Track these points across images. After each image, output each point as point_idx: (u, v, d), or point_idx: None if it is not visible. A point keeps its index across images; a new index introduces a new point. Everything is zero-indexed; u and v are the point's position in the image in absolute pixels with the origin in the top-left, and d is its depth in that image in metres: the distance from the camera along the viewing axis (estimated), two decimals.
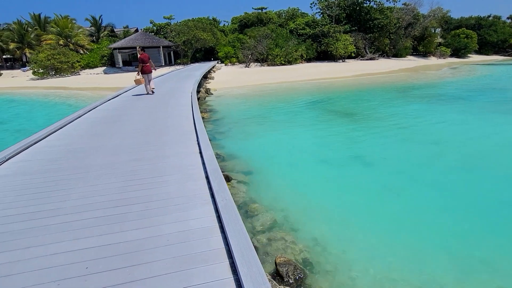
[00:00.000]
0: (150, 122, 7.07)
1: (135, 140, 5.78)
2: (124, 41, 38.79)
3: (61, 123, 6.85)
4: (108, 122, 7.19)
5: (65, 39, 41.62)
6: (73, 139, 5.86)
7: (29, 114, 18.44)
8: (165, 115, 7.75)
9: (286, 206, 6.56)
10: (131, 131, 6.40)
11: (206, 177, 3.88)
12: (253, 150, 9.87)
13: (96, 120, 7.50)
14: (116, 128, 6.65)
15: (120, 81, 29.41)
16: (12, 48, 43.73)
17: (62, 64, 37.54)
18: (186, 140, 5.65)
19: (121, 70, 38.22)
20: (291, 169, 8.39)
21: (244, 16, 46.47)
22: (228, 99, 19.58)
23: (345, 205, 6.55)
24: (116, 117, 7.70)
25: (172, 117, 7.43)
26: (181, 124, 6.79)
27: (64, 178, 4.00)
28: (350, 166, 8.65)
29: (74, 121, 7.37)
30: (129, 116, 7.76)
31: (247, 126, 12.82)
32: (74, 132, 6.37)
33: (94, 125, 7.02)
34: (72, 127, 6.81)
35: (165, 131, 6.30)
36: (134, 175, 4.03)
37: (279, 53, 36.94)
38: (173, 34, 40.33)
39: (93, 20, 46.77)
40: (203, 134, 5.60)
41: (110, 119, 7.50)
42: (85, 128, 6.67)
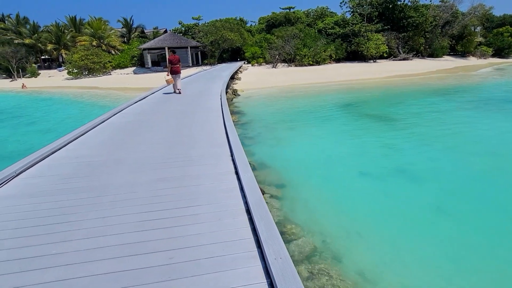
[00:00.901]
0: (177, 130, 6.32)
1: (160, 152, 5.03)
2: (153, 42, 39.00)
3: (82, 130, 6.26)
4: (132, 129, 6.54)
5: (98, 40, 42.52)
6: (92, 150, 5.23)
7: (57, 115, 18.50)
8: (193, 121, 6.98)
9: (326, 229, 5.65)
10: (156, 141, 5.68)
11: (247, 211, 3.03)
12: (285, 159, 8.96)
13: (120, 126, 6.88)
14: (140, 137, 5.97)
15: (148, 81, 29.39)
16: (50, 49, 45.27)
17: (94, 65, 38.30)
18: (218, 155, 4.83)
19: (150, 70, 38.45)
20: (328, 182, 7.42)
21: (271, 16, 45.51)
22: (256, 100, 18.75)
23: (393, 229, 5.55)
24: (141, 123, 7.05)
25: (201, 125, 6.65)
26: (212, 133, 5.99)
27: (73, 204, 3.30)
28: (394, 180, 7.55)
29: (97, 126, 6.78)
30: (155, 122, 7.08)
31: (277, 130, 11.92)
32: (95, 140, 5.75)
33: (117, 132, 6.39)
34: (93, 134, 6.21)
35: (193, 143, 5.52)
36: (155, 204, 3.24)
37: (307, 53, 35.70)
38: (200, 34, 40.10)
39: (125, 22, 47.56)
40: (238, 149, 4.76)
41: (134, 125, 6.86)
42: (107, 135, 6.04)
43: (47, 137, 12.48)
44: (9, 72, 42.05)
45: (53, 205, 3.30)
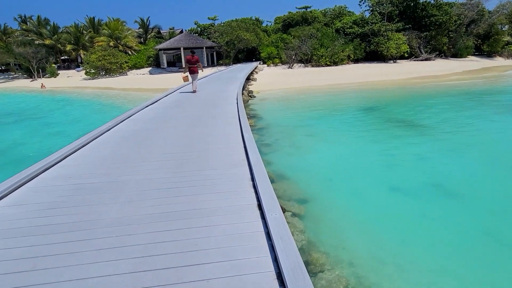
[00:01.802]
0: (189, 143, 5.49)
1: (166, 173, 4.21)
2: (169, 42, 38.64)
3: (83, 141, 5.53)
4: (139, 141, 5.77)
5: (115, 41, 42.54)
6: (87, 169, 4.45)
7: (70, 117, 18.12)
8: (207, 132, 6.14)
9: (357, 258, 4.78)
10: (164, 157, 4.87)
11: (278, 276, 2.16)
12: (305, 169, 8.05)
13: (126, 136, 6.13)
14: (146, 151, 5.18)
15: (163, 82, 28.94)
16: (69, 50, 45.69)
17: (111, 65, 38.26)
18: (236, 179, 3.95)
19: (165, 71, 38.10)
20: (355, 198, 6.47)
21: (288, 16, 44.39)
22: (273, 103, 17.85)
23: (437, 258, 4.63)
24: (150, 132, 6.28)
25: (215, 137, 5.80)
26: (228, 149, 5.14)
27: (49, 253, 2.52)
28: (430, 196, 6.56)
29: (100, 136, 6.05)
30: (165, 132, 6.30)
31: (296, 136, 11.00)
32: (94, 155, 5.00)
33: (121, 144, 5.63)
34: (95, 145, 5.47)
35: (206, 161, 4.68)
36: (153, 258, 2.43)
37: (324, 53, 34.49)
38: (216, 34, 39.47)
39: (141, 22, 47.51)
40: (261, 173, 3.84)
41: (141, 135, 6.09)
42: (108, 149, 5.28)
43: (56, 141, 11.99)
44: (29, 72, 42.64)
45: (21, 253, 2.53)
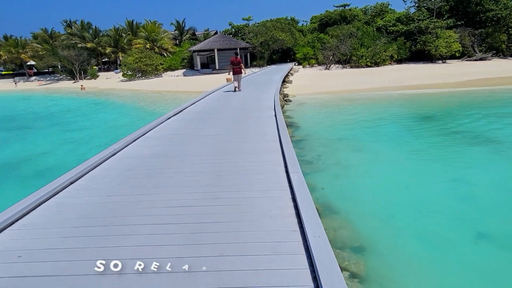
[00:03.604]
0: (222, 163, 4.32)
1: (196, 198, 3.22)
2: (203, 44, 38.35)
3: (112, 150, 4.71)
4: (167, 154, 4.72)
5: (151, 43, 43.14)
6: (110, 183, 3.78)
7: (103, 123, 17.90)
8: (242, 150, 4.91)
9: None
10: (194, 177, 3.81)
11: None
12: (357, 199, 6.61)
13: (155, 146, 5.15)
14: (173, 168, 4.15)
15: (196, 84, 28.46)
16: (108, 52, 47.17)
17: (147, 67, 38.72)
18: (276, 208, 2.94)
19: (198, 72, 37.84)
20: (429, 249, 4.91)
21: (325, 15, 42.42)
22: (311, 108, 16.42)
23: None
24: (178, 145, 5.23)
25: (253, 156, 4.55)
26: (267, 170, 3.91)
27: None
28: None
29: (127, 146, 5.12)
30: (195, 145, 5.21)
31: (341, 152, 9.54)
32: (120, 168, 4.25)
33: (149, 156, 4.71)
34: (120, 159, 4.53)
35: (243, 184, 3.58)
36: None
37: (364, 53, 32.27)
38: (250, 35, 38.60)
39: (177, 24, 47.88)
40: (307, 204, 2.77)
41: (170, 148, 5.03)
42: (133, 164, 4.29)
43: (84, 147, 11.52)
44: (72, 74, 44.49)
45: None
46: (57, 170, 9.52)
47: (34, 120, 19.36)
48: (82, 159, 9.53)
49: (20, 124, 18.10)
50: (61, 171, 4.01)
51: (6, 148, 12.64)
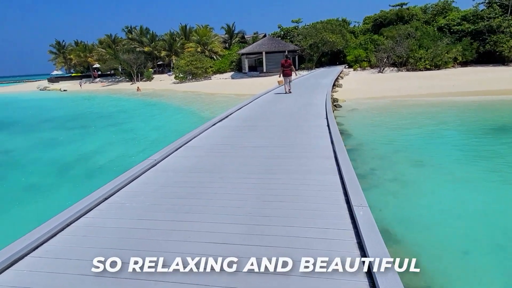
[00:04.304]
0: (268, 184, 3.70)
1: (235, 233, 2.63)
2: (251, 47, 38.32)
3: (151, 161, 4.43)
4: (207, 169, 4.25)
5: (202, 46, 44.28)
6: (144, 203, 3.41)
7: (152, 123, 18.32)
8: (291, 168, 4.24)
9: None
10: (234, 202, 3.25)
11: None
12: (422, 225, 5.59)
13: (196, 157, 4.74)
14: (213, 188, 3.66)
15: (242, 87, 28.36)
16: (163, 55, 49.45)
17: (197, 70, 39.77)
18: (335, 253, 2.18)
19: (246, 75, 37.87)
20: None
21: (379, 15, 39.90)
22: (363, 115, 15.17)
23: None
24: (220, 158, 4.74)
25: (304, 176, 3.84)
26: (322, 197, 3.23)
27: None
28: None
29: (168, 157, 4.77)
30: (238, 159, 4.66)
31: (399, 165, 8.42)
32: (157, 183, 3.87)
33: (189, 170, 4.30)
34: (159, 171, 4.17)
35: (293, 217, 2.89)
36: None
37: (423, 55, 29.58)
38: (299, 37, 37.69)
39: (227, 28, 48.63)
40: (382, 257, 2.02)
41: (211, 161, 4.56)
42: (171, 179, 3.90)
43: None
44: (130, 76, 47.39)
45: None
46: (107, 171, 9.74)
47: (94, 119, 20.61)
48: (131, 161, 9.59)
49: (81, 123, 19.36)
50: (110, 173, 3.77)
51: (66, 146, 13.41)
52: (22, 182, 9.14)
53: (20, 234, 2.72)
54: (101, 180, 8.64)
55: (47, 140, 14.64)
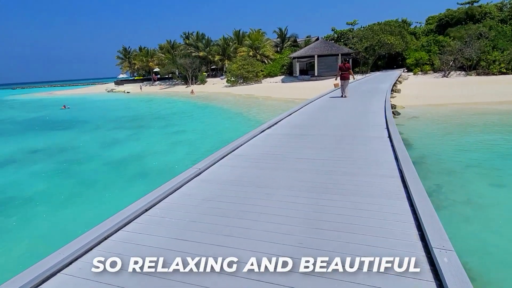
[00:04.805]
0: (321, 206, 3.18)
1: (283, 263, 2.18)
2: (303, 50, 37.57)
3: (196, 170, 4.19)
4: (253, 183, 3.84)
5: (254, 51, 44.64)
6: (184, 218, 3.10)
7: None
8: (349, 189, 3.66)
9: None
10: (281, 228, 2.77)
11: None
12: (506, 260, 4.60)
13: (242, 168, 4.39)
14: (258, 206, 3.26)
15: (293, 91, 27.79)
16: (216, 60, 50.92)
17: (248, 73, 40.15)
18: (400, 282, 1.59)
19: (297, 79, 37.22)
20: None
21: (445, 14, 36.40)
22: (426, 124, 13.70)
23: None
24: (268, 170, 4.32)
25: (364, 200, 3.27)
26: (389, 232, 2.63)
27: None
28: None
29: (214, 165, 4.52)
30: (287, 173, 4.19)
31: (472, 184, 7.24)
32: (199, 195, 3.57)
33: (233, 182, 3.92)
34: (202, 181, 3.92)
35: (352, 253, 2.37)
36: None
37: (498, 57, 26.18)
38: (354, 40, 35.98)
39: (279, 32, 48.45)
40: None
41: (258, 174, 4.17)
42: (214, 192, 3.61)
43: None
44: (186, 80, 49.59)
45: None
46: (156, 172, 9.96)
47: (150, 120, 21.70)
48: (180, 163, 9.64)
49: (139, 123, 20.48)
50: (159, 175, 3.59)
51: (123, 145, 14.16)
52: (81, 179, 9.72)
53: (68, 234, 2.59)
54: (149, 182, 8.81)
55: (108, 139, 15.64)
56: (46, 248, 2.75)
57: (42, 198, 8.28)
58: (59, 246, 2.59)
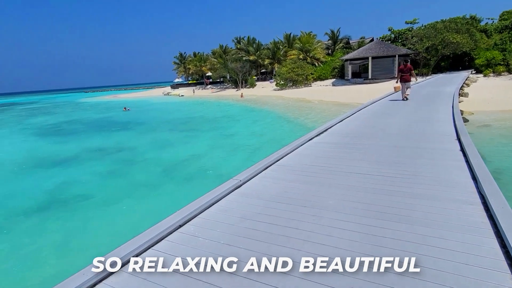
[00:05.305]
0: (381, 236, 2.63)
1: None
2: (356, 52, 35.78)
3: (236, 182, 3.85)
4: (298, 200, 3.38)
5: (304, 53, 43.79)
6: (218, 240, 2.73)
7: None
8: (414, 215, 3.03)
9: None
10: (330, 261, 2.32)
11: None
12: None
13: (286, 181, 3.94)
14: (304, 231, 2.74)
15: (344, 95, 26.49)
16: (266, 64, 50.99)
17: (298, 77, 39.45)
18: None
19: (348, 82, 35.57)
20: None
21: None
22: (501, 133, 11.88)
23: None
24: (314, 186, 3.80)
25: (434, 232, 2.66)
26: (468, 263, 2.02)
27: None
28: None
29: (255, 177, 4.15)
30: (337, 190, 3.64)
31: None
32: (237, 212, 3.13)
33: (275, 199, 3.47)
34: (242, 195, 3.57)
35: (420, 284, 1.81)
36: None
37: None
38: (413, 40, 33.28)
39: (331, 34, 46.95)
40: None
41: (303, 189, 3.70)
42: (253, 209, 3.20)
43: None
44: (236, 83, 50.45)
45: None
46: (203, 176, 9.94)
47: (201, 123, 22.24)
48: (226, 168, 9.45)
49: (190, 126, 21.09)
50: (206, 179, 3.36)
51: (175, 147, 14.56)
52: (133, 180, 10.07)
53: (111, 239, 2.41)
54: (195, 186, 8.76)
55: (161, 140, 16.27)
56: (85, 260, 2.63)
57: (95, 198, 8.69)
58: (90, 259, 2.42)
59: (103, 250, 2.66)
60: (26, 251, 6.11)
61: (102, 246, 5.83)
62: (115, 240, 6.02)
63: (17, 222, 7.49)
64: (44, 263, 5.62)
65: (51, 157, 14.06)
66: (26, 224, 7.32)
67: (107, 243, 5.90)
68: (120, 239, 2.80)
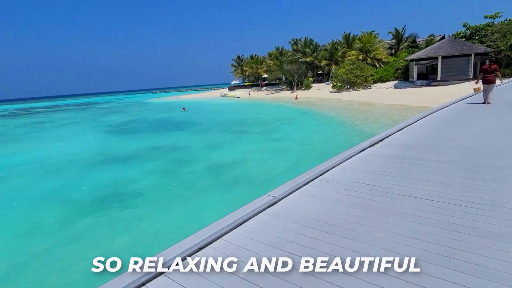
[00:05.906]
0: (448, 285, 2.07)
1: None
2: (423, 52, 32.59)
3: (270, 199, 3.41)
4: (343, 227, 2.85)
5: (364, 54, 41.39)
6: (240, 267, 2.37)
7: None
8: (494, 259, 2.35)
9: None
10: None
11: None
12: None
13: (333, 203, 3.45)
14: None
15: (406, 99, 24.20)
16: (323, 65, 49.41)
17: (356, 78, 37.45)
18: None
19: (413, 84, 32.56)
20: None
21: None
22: None
23: None
24: (367, 211, 3.21)
25: None
26: None
27: None
28: None
29: (294, 193, 3.71)
30: (394, 219, 2.99)
31: None
32: (271, 234, 2.72)
33: (314, 222, 2.93)
34: (275, 215, 3.18)
35: None
36: None
37: None
38: (494, 36, 29.12)
39: (396, 32, 43.66)
40: None
41: (355, 215, 3.16)
42: (287, 230, 2.76)
43: None
44: (291, 85, 49.82)
45: None
46: (248, 182, 9.69)
47: (254, 125, 22.22)
48: (277, 174, 9.05)
49: (243, 128, 21.18)
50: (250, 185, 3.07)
51: (225, 149, 14.65)
52: (183, 181, 10.25)
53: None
54: (242, 191, 8.53)
55: (213, 141, 16.55)
56: None
57: (145, 197, 8.99)
58: None
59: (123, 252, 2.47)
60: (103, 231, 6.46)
61: (127, 247, 5.89)
62: (138, 243, 6.01)
63: (79, 214, 8.06)
64: None
65: (114, 154, 15.21)
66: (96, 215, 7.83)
67: (134, 244, 5.94)
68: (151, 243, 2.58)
